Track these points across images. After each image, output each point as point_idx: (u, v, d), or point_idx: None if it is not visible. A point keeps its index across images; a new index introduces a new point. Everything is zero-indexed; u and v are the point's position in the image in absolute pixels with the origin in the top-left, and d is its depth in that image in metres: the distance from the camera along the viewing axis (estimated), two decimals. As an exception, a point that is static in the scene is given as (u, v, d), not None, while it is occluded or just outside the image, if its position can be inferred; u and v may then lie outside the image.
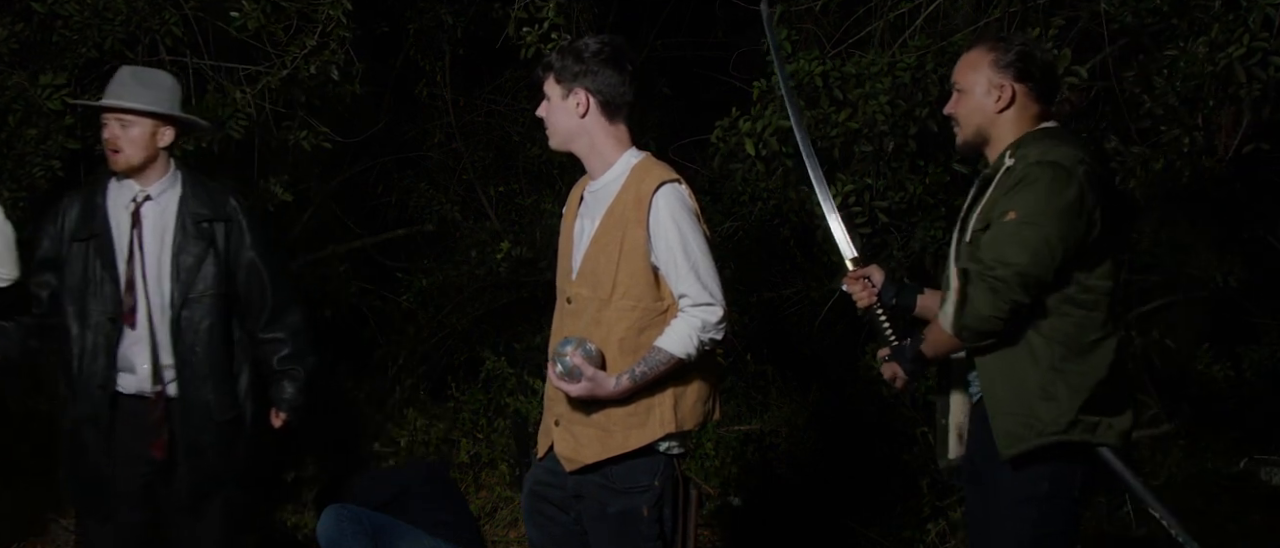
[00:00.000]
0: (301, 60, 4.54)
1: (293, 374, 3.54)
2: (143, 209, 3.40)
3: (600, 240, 2.86)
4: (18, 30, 4.41)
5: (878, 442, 5.02)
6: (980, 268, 2.68)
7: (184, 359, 3.39)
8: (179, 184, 3.44)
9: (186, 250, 3.39)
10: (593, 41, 2.89)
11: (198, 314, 3.39)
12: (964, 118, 2.88)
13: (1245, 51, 3.72)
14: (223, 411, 3.44)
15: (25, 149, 4.41)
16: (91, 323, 3.37)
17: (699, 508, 3.04)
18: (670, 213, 2.80)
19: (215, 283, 3.41)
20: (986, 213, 2.76)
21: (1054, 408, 2.72)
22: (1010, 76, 2.82)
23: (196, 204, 3.42)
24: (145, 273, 3.37)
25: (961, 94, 2.88)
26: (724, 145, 4.36)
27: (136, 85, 3.38)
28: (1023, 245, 2.64)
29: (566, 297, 2.92)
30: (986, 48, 2.87)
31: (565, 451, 2.91)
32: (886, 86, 4.23)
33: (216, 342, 3.42)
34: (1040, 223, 2.65)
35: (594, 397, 2.81)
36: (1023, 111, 2.83)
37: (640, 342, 2.83)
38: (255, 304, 3.49)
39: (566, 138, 2.92)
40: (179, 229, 3.39)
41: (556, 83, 2.89)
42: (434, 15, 6.01)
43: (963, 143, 2.92)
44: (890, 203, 4.35)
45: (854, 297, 3.06)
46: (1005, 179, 2.75)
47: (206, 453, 3.44)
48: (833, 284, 5.02)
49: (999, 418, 2.77)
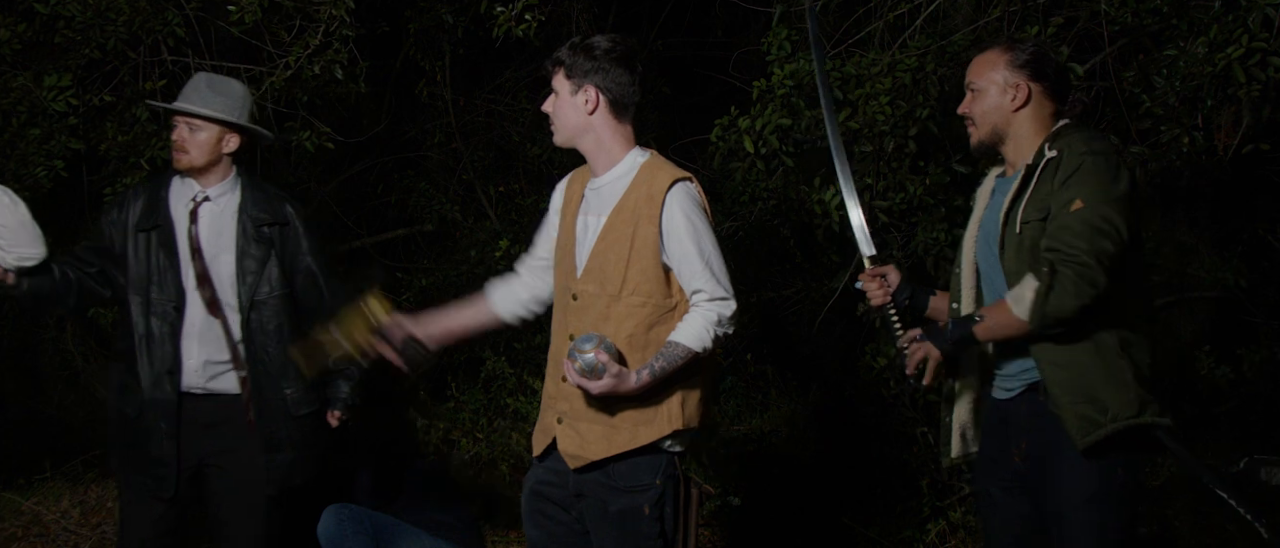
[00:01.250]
0: (305, 60, 4.54)
1: (348, 373, 3.62)
2: (201, 208, 3.49)
3: (609, 237, 2.86)
4: (20, 31, 4.42)
5: (878, 442, 5.02)
6: (1062, 256, 2.68)
7: (257, 359, 3.48)
8: (238, 189, 3.54)
9: (249, 254, 3.49)
10: (603, 40, 2.89)
11: (266, 316, 3.49)
12: (980, 117, 2.92)
13: (1244, 52, 3.72)
14: (299, 406, 3.54)
15: (28, 149, 4.42)
16: (156, 311, 3.45)
17: (699, 507, 3.04)
18: (684, 211, 2.82)
19: (279, 285, 3.51)
20: (1040, 203, 2.77)
21: (1123, 393, 2.74)
22: (1026, 76, 2.87)
23: (256, 209, 3.52)
24: (209, 271, 3.47)
25: (977, 93, 2.92)
26: (724, 144, 4.37)
27: (209, 92, 3.48)
28: (1097, 231, 2.67)
29: (571, 293, 2.92)
30: (1002, 48, 2.92)
31: (570, 448, 2.91)
32: (886, 87, 4.23)
33: (286, 341, 3.51)
34: (1106, 210, 2.69)
35: (615, 393, 2.80)
36: (1039, 110, 2.88)
37: (649, 338, 2.85)
38: (312, 307, 3.57)
39: (573, 134, 2.92)
40: (240, 233, 3.49)
41: (566, 78, 2.89)
42: (434, 15, 6.01)
43: (978, 142, 2.95)
44: (890, 203, 4.35)
45: (868, 294, 3.08)
46: (1051, 170, 2.78)
47: (285, 448, 3.53)
48: (834, 283, 5.03)
49: (1070, 407, 2.76)
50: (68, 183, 4.76)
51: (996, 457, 2.96)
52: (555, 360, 2.97)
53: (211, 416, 3.49)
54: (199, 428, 3.49)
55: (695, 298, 2.85)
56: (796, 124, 4.28)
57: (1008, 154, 2.93)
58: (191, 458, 3.51)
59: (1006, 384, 2.93)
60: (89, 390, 5.70)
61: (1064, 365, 2.77)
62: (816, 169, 4.51)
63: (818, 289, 5.37)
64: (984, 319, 2.81)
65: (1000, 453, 2.95)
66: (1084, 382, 2.76)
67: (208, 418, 3.49)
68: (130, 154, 4.64)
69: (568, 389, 2.90)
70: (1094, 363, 2.75)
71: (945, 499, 4.72)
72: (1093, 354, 2.75)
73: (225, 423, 3.50)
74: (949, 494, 4.74)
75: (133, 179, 4.53)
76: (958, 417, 3.06)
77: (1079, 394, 2.76)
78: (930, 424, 4.87)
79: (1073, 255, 2.67)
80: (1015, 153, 2.90)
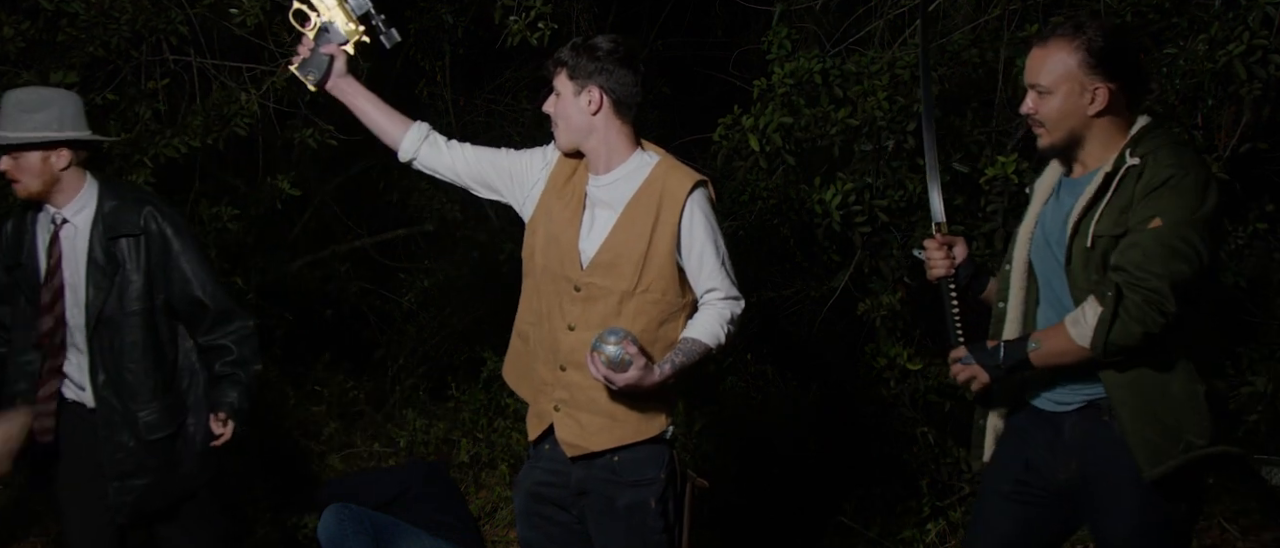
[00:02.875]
0: (307, 60, 4.53)
1: (234, 378, 3.42)
2: (61, 232, 3.33)
3: (624, 233, 2.87)
4: (24, 29, 4.43)
5: (878, 442, 5.02)
6: (1129, 279, 2.50)
7: (109, 379, 3.33)
8: (93, 201, 3.34)
9: (96, 270, 3.30)
10: (605, 40, 2.90)
11: (118, 333, 3.32)
12: (1052, 121, 2.65)
13: (1245, 49, 3.73)
14: (153, 430, 3.36)
15: (33, 149, 4.42)
16: (26, 348, 3.38)
17: (696, 502, 3.04)
18: (704, 214, 2.88)
19: (138, 300, 3.32)
20: (1118, 216, 2.56)
21: (1200, 421, 2.57)
22: (1102, 76, 2.60)
23: (110, 222, 3.33)
24: (65, 297, 3.33)
25: (1045, 96, 2.65)
26: (727, 142, 4.38)
27: (19, 114, 3.26)
28: (1175, 255, 2.48)
29: (573, 284, 2.91)
30: (1069, 41, 2.62)
31: (569, 436, 2.92)
32: (885, 83, 4.24)
33: (146, 358, 3.34)
34: (1189, 232, 2.49)
35: (638, 387, 2.81)
36: (1118, 110, 2.63)
37: (659, 334, 2.88)
38: (194, 313, 3.40)
39: (577, 134, 2.92)
40: (90, 249, 3.31)
41: (569, 79, 2.89)
42: (434, 15, 6.02)
43: (1049, 146, 2.70)
44: (890, 202, 4.36)
45: (930, 262, 2.91)
46: (1132, 179, 2.56)
47: (138, 473, 3.36)
48: (834, 283, 5.03)
49: (1138, 433, 2.57)
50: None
51: (1031, 462, 2.78)
52: (549, 348, 2.95)
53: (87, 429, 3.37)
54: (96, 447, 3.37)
55: (708, 296, 2.89)
56: (797, 123, 4.29)
57: (1081, 157, 2.69)
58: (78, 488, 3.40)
59: (1061, 397, 2.74)
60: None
61: (1134, 389, 2.59)
62: (817, 168, 4.52)
63: (818, 289, 5.36)
64: (1040, 345, 2.64)
65: (1042, 464, 2.77)
66: (1155, 408, 2.58)
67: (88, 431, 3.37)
68: (134, 152, 4.64)
69: (567, 378, 2.90)
70: (1167, 388, 2.57)
71: (945, 499, 4.72)
72: (1166, 379, 2.57)
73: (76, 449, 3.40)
74: (949, 494, 4.74)
75: (137, 177, 4.53)
76: (993, 421, 2.89)
77: (1149, 420, 2.57)
78: (931, 424, 4.87)
79: (1142, 279, 2.48)
80: (1091, 157, 2.67)
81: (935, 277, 2.90)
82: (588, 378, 2.86)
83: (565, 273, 2.93)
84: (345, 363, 6.20)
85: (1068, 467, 2.71)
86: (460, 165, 3.11)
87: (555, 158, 3.04)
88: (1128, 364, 2.57)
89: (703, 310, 2.90)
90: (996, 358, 2.70)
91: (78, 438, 3.40)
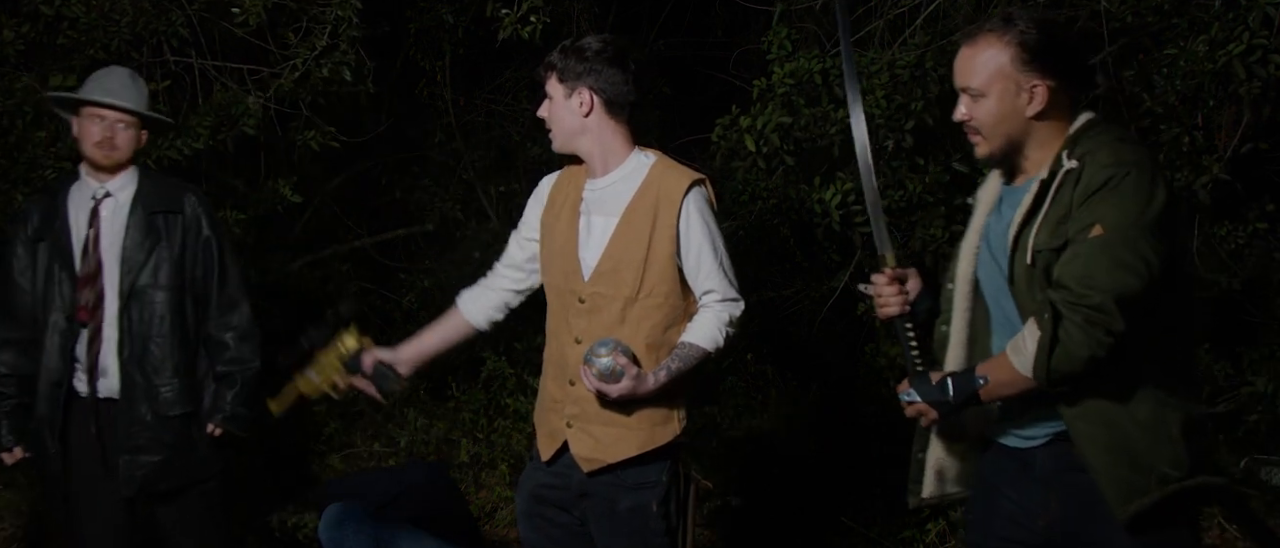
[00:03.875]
0: (313, 62, 4.55)
1: (231, 380, 3.48)
2: (101, 205, 3.42)
3: (623, 239, 2.85)
4: (24, 32, 4.43)
5: (878, 442, 5.02)
6: (1068, 297, 2.22)
7: (134, 353, 3.37)
8: (135, 181, 3.46)
9: (136, 241, 3.39)
10: (595, 41, 2.88)
11: (148, 307, 3.38)
12: (988, 127, 2.39)
13: (1245, 49, 3.72)
14: (172, 406, 3.40)
15: (36, 151, 4.42)
16: (50, 322, 3.37)
17: (698, 504, 3.04)
18: (701, 214, 2.84)
19: (169, 278, 3.40)
20: (1056, 227, 2.29)
21: (1170, 449, 2.29)
22: (1038, 73, 2.34)
23: (152, 198, 3.43)
24: (103, 270, 3.38)
25: (978, 99, 2.38)
26: (725, 143, 4.38)
27: (131, 87, 3.42)
28: (1117, 265, 2.21)
29: (577, 296, 2.89)
30: (999, 38, 2.35)
31: (584, 451, 2.89)
32: (885, 83, 4.24)
33: (172, 336, 3.40)
34: (1133, 237, 2.21)
35: (633, 395, 2.80)
36: (1060, 111, 2.37)
37: (665, 339, 2.85)
38: (204, 298, 3.47)
39: (570, 137, 2.91)
40: (131, 222, 3.40)
41: (559, 82, 2.88)
42: (434, 15, 6.02)
43: (987, 154, 2.42)
44: (889, 201, 4.36)
45: (879, 300, 2.54)
46: (1070, 185, 2.29)
47: (151, 449, 3.39)
48: (834, 283, 5.03)
49: (1107, 470, 2.29)
50: (75, 184, 4.76)
51: (1010, 513, 2.47)
52: (558, 364, 2.94)
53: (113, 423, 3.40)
54: (89, 440, 3.38)
55: (706, 298, 2.86)
56: (796, 122, 4.29)
57: (1023, 164, 2.43)
58: (93, 475, 3.40)
59: (1028, 432, 2.44)
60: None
61: (1094, 420, 2.31)
62: (817, 168, 4.52)
63: (818, 289, 5.37)
64: (988, 380, 2.35)
65: (1018, 509, 2.46)
66: (1121, 439, 2.30)
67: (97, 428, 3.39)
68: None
69: (576, 393, 2.88)
70: (1131, 416, 2.30)
71: (945, 499, 4.72)
72: (1129, 404, 2.30)
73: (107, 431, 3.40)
74: (949, 494, 4.74)
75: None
76: (934, 454, 2.61)
77: (1115, 454, 2.30)
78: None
79: (1083, 296, 2.20)
80: (1032, 163, 2.41)
81: (887, 316, 2.53)
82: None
83: (569, 286, 2.91)
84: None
85: (1047, 510, 2.41)
86: (514, 276, 3.11)
87: (547, 187, 3.05)
88: (1082, 393, 2.30)
89: (701, 313, 2.87)
90: (945, 394, 2.39)
91: (85, 434, 3.40)
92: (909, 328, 2.52)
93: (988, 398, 2.37)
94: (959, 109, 2.43)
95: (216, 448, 3.50)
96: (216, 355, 3.48)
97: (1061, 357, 2.23)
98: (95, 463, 3.39)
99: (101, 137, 3.37)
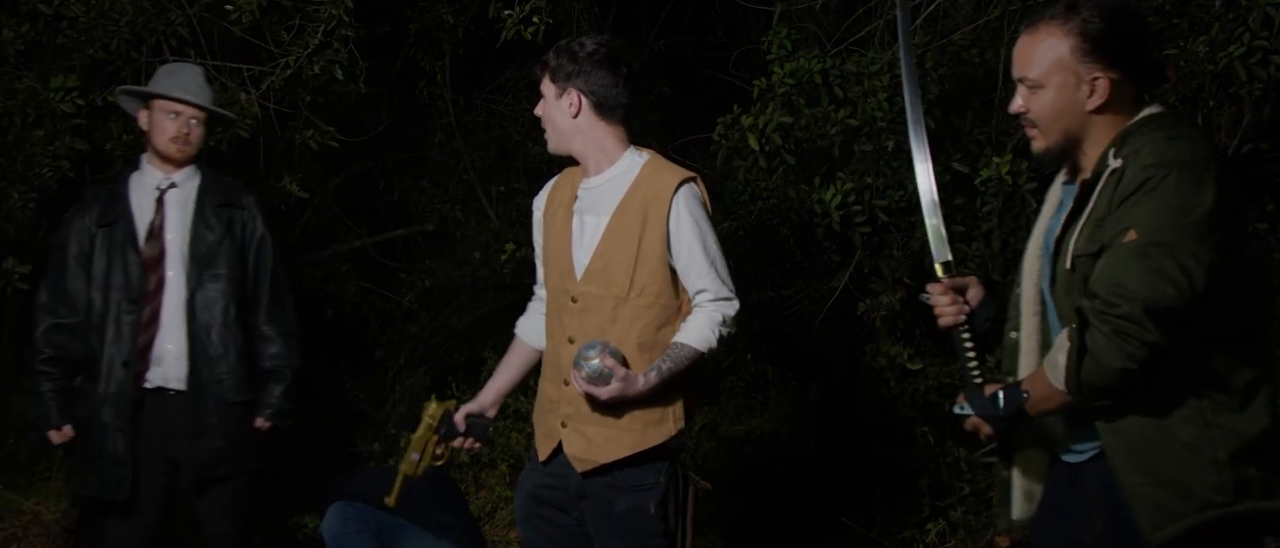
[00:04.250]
0: (305, 60, 4.54)
1: (279, 375, 3.62)
2: (167, 195, 3.55)
3: (614, 238, 2.85)
4: (24, 31, 4.43)
5: (878, 442, 5.02)
6: (1097, 306, 2.10)
7: (197, 339, 3.49)
8: (199, 175, 3.61)
9: (203, 232, 3.53)
10: (589, 42, 2.88)
11: (212, 295, 3.51)
12: (1045, 121, 2.29)
13: (1246, 50, 3.72)
14: (235, 393, 3.53)
15: (34, 151, 4.43)
16: (112, 304, 3.47)
17: (697, 504, 3.04)
18: (690, 212, 2.82)
19: (230, 267, 3.54)
20: (1094, 231, 2.18)
21: (1213, 473, 2.14)
22: (1100, 64, 2.23)
23: (217, 192, 3.59)
24: (166, 257, 3.50)
25: (1035, 90, 2.28)
26: (727, 142, 4.37)
27: (206, 86, 3.60)
28: (1151, 272, 2.07)
29: (570, 296, 2.90)
30: (1061, 26, 2.24)
31: (577, 451, 2.89)
32: (885, 83, 4.24)
33: (232, 324, 3.53)
34: (1171, 242, 2.07)
35: (623, 397, 2.79)
36: (1122, 103, 2.25)
37: (657, 338, 2.85)
38: (254, 296, 3.61)
39: (562, 137, 2.92)
40: (197, 213, 3.54)
41: (551, 82, 2.89)
42: (434, 15, 6.02)
43: (1044, 149, 2.33)
44: (890, 202, 4.36)
45: (937, 311, 2.48)
46: (1112, 186, 2.18)
47: (215, 435, 3.51)
48: (834, 283, 5.02)
49: (1140, 492, 2.17)
50: (73, 183, 4.76)
51: (1062, 530, 2.39)
52: (554, 364, 2.95)
53: (164, 411, 3.49)
54: (158, 424, 3.48)
55: (699, 298, 2.85)
56: (797, 122, 4.29)
57: (1083, 161, 2.31)
58: (157, 459, 3.49)
59: (1077, 446, 2.35)
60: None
61: (1128, 437, 2.20)
62: (817, 168, 4.52)
63: (818, 289, 5.36)
64: (1030, 395, 2.26)
65: (1067, 526, 2.37)
66: (1155, 459, 2.17)
67: (164, 414, 3.49)
68: (134, 154, 4.63)
69: (571, 393, 2.88)
70: (1170, 435, 2.17)
71: (945, 499, 4.72)
72: (1170, 422, 2.17)
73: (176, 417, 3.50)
74: (949, 494, 4.74)
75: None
76: (1020, 474, 2.48)
77: (1148, 474, 2.17)
78: (931, 424, 4.87)
79: (1112, 306, 2.08)
80: (1090, 160, 2.29)
81: (944, 326, 2.47)
82: None
83: (563, 285, 2.92)
84: (345, 363, 6.20)
85: (1092, 527, 2.31)
86: None
87: (547, 190, 3.07)
88: (1121, 408, 2.19)
89: (694, 313, 2.85)
90: (996, 407, 2.31)
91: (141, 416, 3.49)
92: (967, 338, 2.45)
93: (1033, 411, 2.28)
94: (1015, 101, 2.33)
95: (262, 440, 3.62)
96: (263, 352, 3.62)
97: (1090, 368, 2.12)
98: (151, 445, 3.49)
99: (176, 132, 3.52)
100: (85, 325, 3.49)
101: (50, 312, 3.53)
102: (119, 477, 3.45)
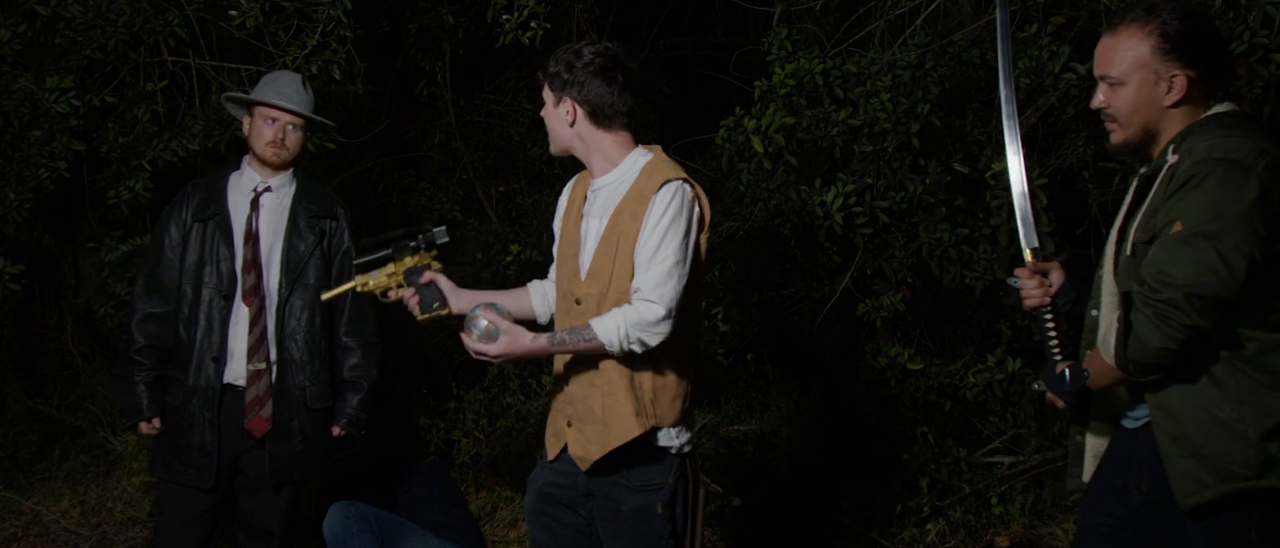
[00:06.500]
0: (303, 60, 4.54)
1: (357, 385, 3.71)
2: (262, 198, 3.62)
3: (609, 240, 2.85)
4: (21, 31, 4.42)
5: (878, 442, 5.02)
6: (1143, 290, 2.30)
7: (284, 344, 3.57)
8: (295, 182, 3.70)
9: (298, 240, 3.61)
10: (588, 50, 2.87)
11: (301, 303, 3.59)
12: (1125, 116, 2.48)
13: (1246, 49, 3.72)
14: (315, 399, 3.62)
15: (31, 151, 4.42)
16: (205, 299, 3.54)
17: (705, 506, 3.04)
18: (662, 208, 2.77)
19: (318, 277, 3.63)
20: (1149, 222, 2.38)
21: (1240, 448, 2.33)
22: (1178, 63, 2.42)
23: (310, 201, 3.67)
24: (260, 258, 3.58)
25: (1116, 87, 2.48)
26: (730, 144, 4.37)
27: (306, 93, 3.68)
28: (1192, 261, 2.26)
29: (574, 297, 2.90)
30: (1141, 27, 2.44)
31: (577, 450, 2.91)
32: (886, 84, 4.24)
33: (316, 332, 3.61)
34: (1214, 233, 2.26)
35: (511, 354, 2.81)
36: (1196, 99, 2.45)
37: None
38: (338, 306, 3.69)
39: (561, 142, 2.94)
40: (292, 221, 3.61)
41: (550, 90, 2.90)
42: (434, 15, 6.01)
43: (1122, 142, 2.53)
44: (891, 202, 4.36)
45: (1023, 294, 2.71)
46: (1167, 179, 2.37)
47: (294, 439, 3.59)
48: (834, 283, 5.03)
49: (1175, 460, 2.38)
50: (69, 184, 4.76)
51: (1114, 489, 2.60)
52: (561, 365, 2.98)
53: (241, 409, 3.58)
54: (237, 420, 3.57)
55: (634, 295, 2.79)
56: (798, 123, 4.28)
57: (1155, 154, 2.51)
58: (231, 448, 3.59)
59: (1134, 413, 2.56)
60: (90, 390, 5.70)
61: (1169, 409, 2.41)
62: (818, 169, 4.51)
63: (818, 289, 5.36)
64: (1090, 373, 2.49)
65: (1120, 486, 2.58)
66: (1191, 431, 2.37)
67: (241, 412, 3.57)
68: (131, 156, 4.64)
69: (574, 393, 2.91)
70: (1203, 410, 2.37)
71: (945, 499, 4.72)
72: (1203, 399, 2.37)
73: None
74: (949, 494, 4.74)
75: (135, 181, 4.57)
76: (1093, 439, 2.69)
77: (1183, 446, 2.38)
78: (931, 424, 4.87)
79: (1156, 291, 2.27)
80: (1161, 151, 2.49)
81: (1030, 308, 2.70)
82: (583, 389, 2.88)
83: (568, 286, 2.94)
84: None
85: (1139, 488, 2.52)
86: None
87: (567, 189, 3.08)
88: (1167, 383, 2.39)
89: (617, 307, 2.79)
90: (1063, 384, 2.55)
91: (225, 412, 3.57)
92: (1049, 319, 2.66)
93: (1095, 387, 2.50)
94: (1096, 96, 2.52)
95: (331, 448, 3.72)
96: (343, 362, 3.71)
97: (1135, 346, 2.32)
98: (228, 439, 3.57)
99: (273, 137, 3.60)
100: (175, 315, 3.58)
101: (144, 301, 3.62)
102: (204, 466, 3.55)
